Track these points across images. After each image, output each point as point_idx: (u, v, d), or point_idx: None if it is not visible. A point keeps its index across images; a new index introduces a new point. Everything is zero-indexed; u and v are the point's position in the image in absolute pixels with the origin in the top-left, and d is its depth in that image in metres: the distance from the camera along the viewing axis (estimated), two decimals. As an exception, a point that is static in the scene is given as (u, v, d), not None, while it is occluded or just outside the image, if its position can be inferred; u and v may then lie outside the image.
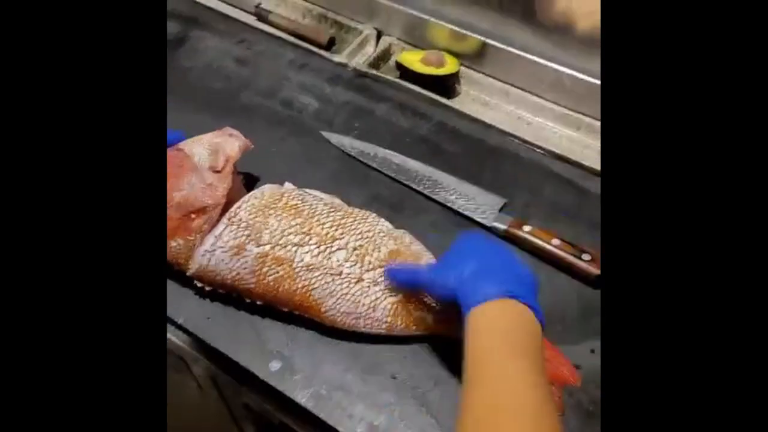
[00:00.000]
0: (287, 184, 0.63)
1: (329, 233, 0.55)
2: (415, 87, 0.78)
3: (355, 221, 0.57)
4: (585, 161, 0.70)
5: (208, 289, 0.57)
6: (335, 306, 0.54)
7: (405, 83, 0.79)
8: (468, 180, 0.68)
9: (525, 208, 0.66)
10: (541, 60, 0.76)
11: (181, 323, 0.57)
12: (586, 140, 0.76)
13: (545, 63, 0.76)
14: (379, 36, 0.87)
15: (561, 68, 0.75)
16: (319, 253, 0.54)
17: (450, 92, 0.82)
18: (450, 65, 0.80)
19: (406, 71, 0.80)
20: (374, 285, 0.54)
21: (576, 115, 0.77)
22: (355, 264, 0.54)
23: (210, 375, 0.70)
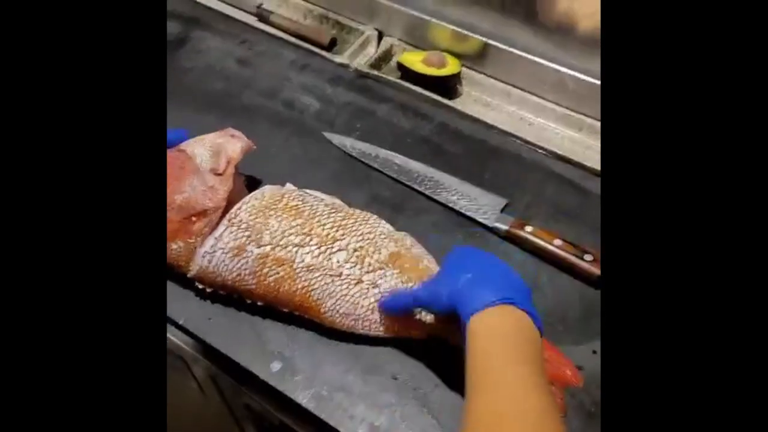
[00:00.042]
0: (288, 185, 0.62)
1: (330, 234, 0.55)
2: (417, 88, 0.78)
3: (356, 222, 0.57)
4: (587, 162, 0.70)
5: (209, 291, 0.57)
6: (334, 307, 0.53)
7: (406, 84, 0.79)
8: (470, 181, 0.68)
9: (527, 209, 0.66)
10: (543, 61, 0.76)
11: (182, 324, 0.57)
12: (588, 141, 0.76)
13: (547, 64, 0.76)
14: (381, 37, 0.87)
15: (563, 69, 0.75)
16: (320, 254, 0.54)
17: (451, 93, 0.82)
18: (451, 66, 0.80)
19: (408, 72, 0.80)
20: (373, 287, 0.54)
21: (578, 116, 0.77)
22: (355, 265, 0.54)
23: (211, 375, 0.70)
